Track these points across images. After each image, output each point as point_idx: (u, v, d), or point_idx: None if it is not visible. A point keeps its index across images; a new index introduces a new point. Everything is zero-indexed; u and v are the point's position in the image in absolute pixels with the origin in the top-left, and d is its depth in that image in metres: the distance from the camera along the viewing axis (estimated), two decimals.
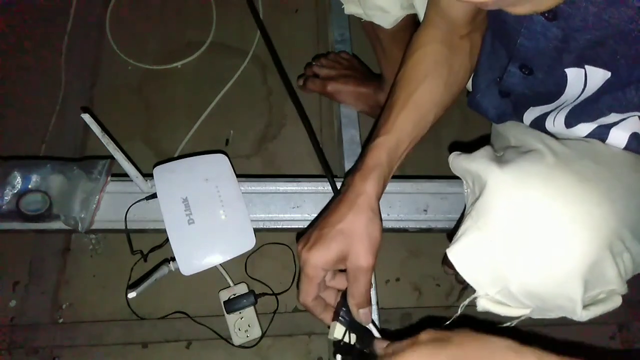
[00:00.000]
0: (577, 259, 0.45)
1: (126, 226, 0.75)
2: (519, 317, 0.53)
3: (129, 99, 1.06)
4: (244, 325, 0.81)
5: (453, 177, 0.60)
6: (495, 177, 0.50)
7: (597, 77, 0.49)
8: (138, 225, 0.75)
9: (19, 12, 1.11)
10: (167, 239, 0.72)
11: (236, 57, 1.10)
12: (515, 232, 0.47)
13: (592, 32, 0.44)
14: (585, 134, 0.55)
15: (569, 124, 0.56)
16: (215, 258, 0.73)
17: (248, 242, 0.74)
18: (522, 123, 0.64)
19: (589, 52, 0.47)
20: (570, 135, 0.57)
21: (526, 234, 0.46)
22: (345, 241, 0.52)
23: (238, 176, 0.78)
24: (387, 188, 0.58)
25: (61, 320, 0.86)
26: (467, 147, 0.59)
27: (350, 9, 0.79)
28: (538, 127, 0.61)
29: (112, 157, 0.69)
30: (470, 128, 1.05)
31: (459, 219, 0.73)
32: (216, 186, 0.76)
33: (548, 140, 0.54)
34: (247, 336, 0.81)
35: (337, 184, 0.77)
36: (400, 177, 0.60)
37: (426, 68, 0.60)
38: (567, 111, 0.56)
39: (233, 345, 0.81)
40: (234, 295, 0.82)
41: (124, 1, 1.15)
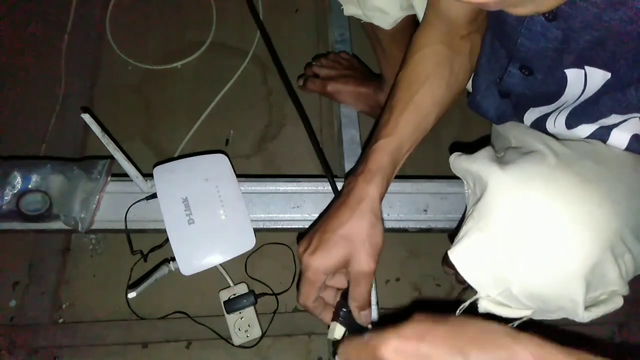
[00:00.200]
0: (578, 260, 0.45)
1: (126, 226, 0.75)
2: (520, 319, 0.53)
3: (129, 99, 1.06)
4: (244, 325, 0.81)
5: (453, 177, 0.60)
6: (497, 178, 0.50)
7: (597, 78, 0.49)
8: (138, 225, 0.76)
9: (19, 11, 1.11)
10: (167, 239, 0.73)
11: (236, 57, 1.10)
12: (516, 233, 0.47)
13: (592, 33, 0.44)
14: (586, 135, 0.55)
15: (570, 125, 0.56)
16: (215, 258, 0.73)
17: (248, 242, 0.74)
18: (523, 124, 0.64)
19: (589, 53, 0.47)
20: (571, 137, 0.57)
21: (528, 235, 0.46)
22: (348, 247, 0.52)
23: (238, 176, 0.78)
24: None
25: (61, 320, 0.86)
26: (468, 148, 0.59)
27: (350, 10, 0.78)
28: (539, 128, 0.61)
29: (112, 157, 0.69)
30: (471, 128, 1.05)
31: (460, 220, 0.73)
32: (216, 186, 0.76)
33: (549, 141, 0.54)
34: (247, 336, 0.81)
35: (337, 184, 0.77)
36: (400, 177, 0.60)
37: (427, 69, 0.60)
38: (568, 112, 0.56)
39: (233, 345, 0.81)
40: (234, 295, 0.82)
41: (124, 1, 1.15)
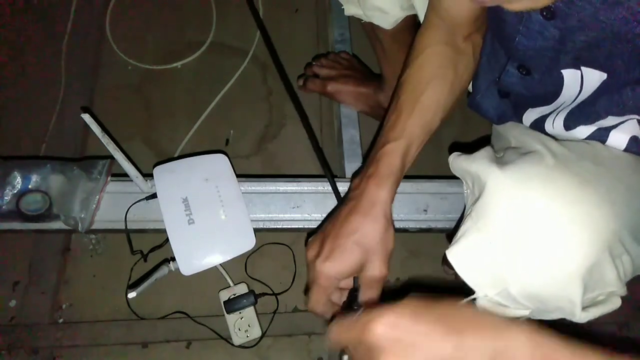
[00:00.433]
0: (577, 260, 0.45)
1: (126, 226, 0.75)
2: (518, 319, 0.52)
3: (129, 99, 1.06)
4: (244, 325, 0.81)
5: (453, 177, 0.60)
6: (495, 179, 0.50)
7: (594, 78, 0.49)
8: (138, 225, 0.76)
9: (19, 12, 1.11)
10: (167, 239, 0.73)
11: (236, 57, 1.10)
12: (515, 234, 0.47)
13: (589, 33, 0.44)
14: (584, 137, 0.55)
15: (568, 127, 0.56)
16: (215, 258, 0.73)
17: (248, 242, 0.74)
18: (522, 124, 0.64)
19: (585, 53, 0.47)
20: (570, 138, 0.57)
21: (526, 235, 0.46)
22: (362, 253, 0.52)
23: (238, 176, 0.78)
24: None
25: (61, 320, 0.85)
26: (468, 148, 0.59)
27: (350, 10, 0.78)
28: (538, 129, 0.61)
29: (112, 157, 0.69)
30: (471, 129, 1.05)
31: (458, 220, 0.72)
32: (216, 186, 0.76)
33: (548, 141, 0.54)
34: (247, 336, 0.81)
35: (337, 184, 0.77)
36: None
37: (431, 71, 0.60)
38: (566, 114, 0.56)
39: (233, 345, 0.81)
40: (234, 295, 0.82)
41: (124, 1, 1.15)
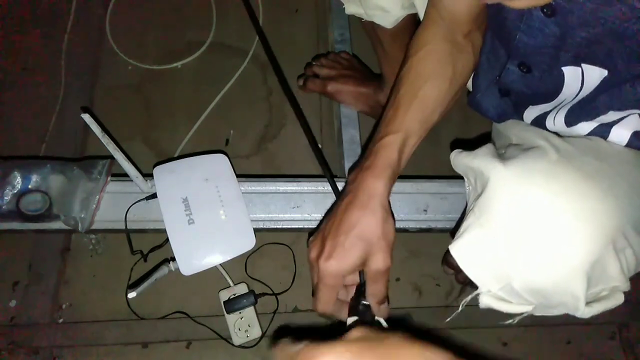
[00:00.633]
0: (580, 255, 0.45)
1: (126, 226, 0.75)
2: (521, 314, 0.52)
3: (129, 99, 1.05)
4: (244, 325, 0.81)
5: (453, 177, 0.60)
6: (498, 174, 0.50)
7: (594, 75, 0.49)
8: (138, 225, 0.76)
9: (19, 12, 1.11)
10: (167, 239, 0.72)
11: (236, 57, 1.10)
12: (518, 229, 0.47)
13: (589, 30, 0.44)
14: (586, 133, 0.55)
15: (569, 123, 0.56)
16: (215, 258, 0.73)
17: (248, 242, 0.74)
18: (523, 122, 0.64)
19: (586, 50, 0.47)
20: (571, 134, 0.57)
21: (529, 230, 0.46)
22: (364, 247, 0.52)
23: (238, 176, 0.78)
24: None
25: (61, 320, 0.85)
26: (468, 145, 0.59)
27: (351, 8, 0.78)
28: (539, 126, 0.61)
29: (112, 157, 0.69)
30: (471, 128, 1.05)
31: (460, 217, 0.72)
32: (216, 186, 0.76)
33: (550, 137, 0.54)
34: (247, 336, 0.81)
35: (337, 183, 0.77)
36: (401, 177, 0.60)
37: (430, 66, 0.60)
38: (567, 110, 0.56)
39: (233, 345, 0.81)
40: (234, 295, 0.82)
41: (124, 1, 1.15)
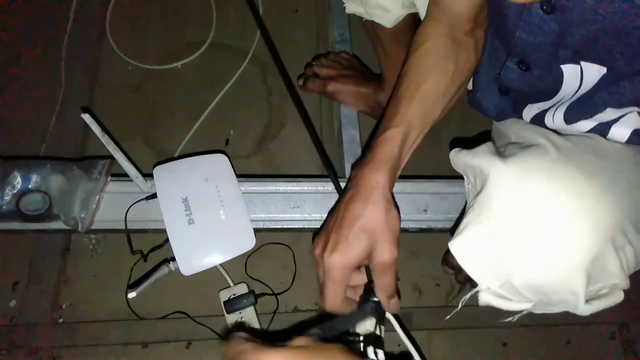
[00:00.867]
0: (580, 252, 0.45)
1: (126, 226, 0.75)
2: (521, 312, 0.52)
3: (129, 99, 1.05)
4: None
5: (453, 177, 0.60)
6: (498, 171, 0.50)
7: (593, 73, 0.49)
8: (138, 225, 0.76)
9: (19, 12, 1.11)
10: (167, 239, 0.73)
11: (236, 57, 1.10)
12: (517, 226, 0.47)
13: (588, 27, 0.44)
14: (585, 131, 0.55)
15: (568, 121, 0.56)
16: (215, 258, 0.73)
17: (248, 242, 0.74)
18: (523, 120, 0.64)
19: (585, 47, 0.47)
20: (571, 132, 0.57)
21: (529, 227, 0.46)
22: (368, 238, 0.52)
23: (238, 176, 0.78)
24: None
25: (61, 320, 0.85)
26: (468, 144, 0.59)
27: (352, 7, 0.78)
28: (538, 124, 0.61)
29: (112, 157, 0.69)
30: (470, 128, 1.05)
31: (459, 215, 0.72)
32: (216, 186, 0.76)
33: (550, 134, 0.54)
34: None
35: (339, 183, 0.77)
36: (400, 177, 0.60)
37: (432, 62, 0.60)
38: (565, 107, 0.56)
39: None
40: (234, 295, 0.82)
41: (124, 1, 1.15)
